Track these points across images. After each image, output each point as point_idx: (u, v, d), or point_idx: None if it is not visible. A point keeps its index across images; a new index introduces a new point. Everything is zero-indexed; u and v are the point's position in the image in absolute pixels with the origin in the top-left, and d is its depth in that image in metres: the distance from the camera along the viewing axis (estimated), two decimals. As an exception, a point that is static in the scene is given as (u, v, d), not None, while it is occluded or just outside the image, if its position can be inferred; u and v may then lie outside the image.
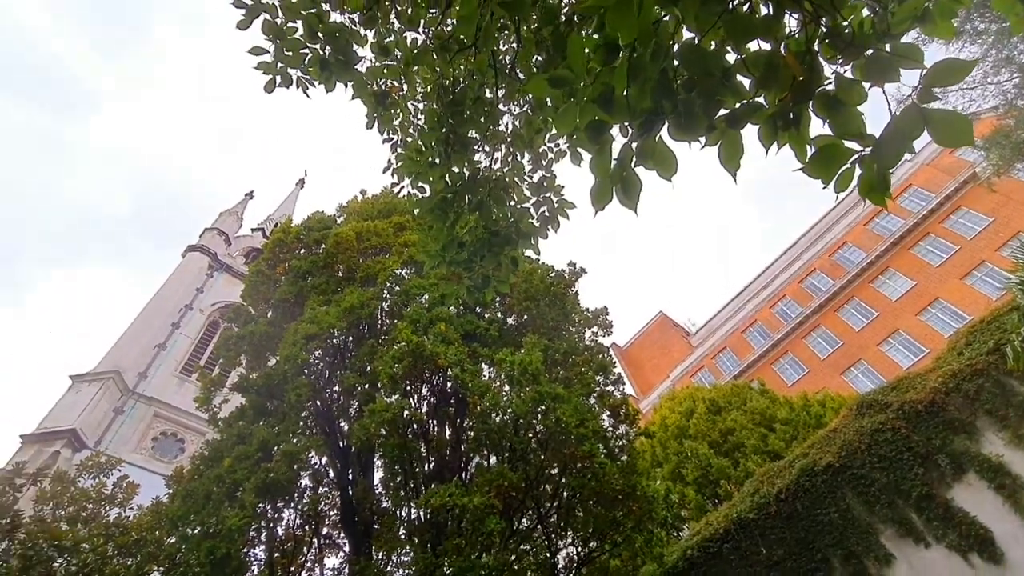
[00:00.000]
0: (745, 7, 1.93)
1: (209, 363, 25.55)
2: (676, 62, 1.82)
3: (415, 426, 7.99)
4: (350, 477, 9.02)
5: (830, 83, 1.76)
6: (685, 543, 12.36)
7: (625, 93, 1.79)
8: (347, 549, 9.22)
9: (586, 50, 1.86)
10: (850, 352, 29.59)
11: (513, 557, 7.32)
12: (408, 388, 8.70)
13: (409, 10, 3.38)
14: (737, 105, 1.87)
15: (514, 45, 3.34)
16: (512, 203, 3.61)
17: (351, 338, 10.28)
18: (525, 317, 10.40)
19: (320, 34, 3.04)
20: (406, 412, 7.51)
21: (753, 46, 1.79)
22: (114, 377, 22.16)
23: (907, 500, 9.77)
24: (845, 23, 1.79)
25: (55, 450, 17.78)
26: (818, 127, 1.82)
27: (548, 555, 7.68)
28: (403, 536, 8.29)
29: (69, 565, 9.56)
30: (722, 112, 1.86)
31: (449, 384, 9.27)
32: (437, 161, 3.52)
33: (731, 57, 1.85)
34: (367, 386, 8.43)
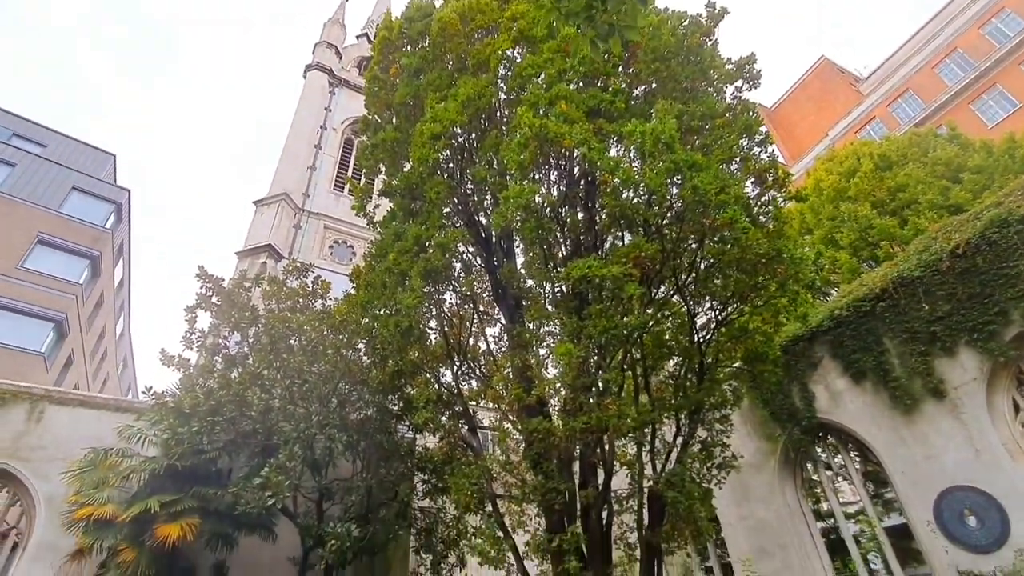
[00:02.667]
0: None
1: (354, 175, 28.03)
2: None
3: (548, 211, 8.20)
4: (495, 262, 9.90)
5: None
6: (833, 303, 12.15)
7: None
8: (502, 321, 10.63)
9: None
10: (1093, 72, 22.64)
11: (652, 322, 7.81)
12: (537, 176, 8.73)
13: None
14: None
15: None
16: (635, -85, 2.87)
17: (473, 135, 10.25)
18: (654, 84, 9.30)
19: None
20: (538, 197, 7.66)
21: None
22: (285, 199, 25.55)
23: None
24: None
25: (262, 261, 21.99)
26: None
27: (687, 318, 8.10)
28: (549, 309, 9.21)
29: (300, 340, 12.50)
30: None
31: (576, 168, 9.10)
32: None
33: None
34: (497, 177, 8.62)
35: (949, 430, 9.62)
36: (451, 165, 10.07)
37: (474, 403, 10.04)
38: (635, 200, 7.86)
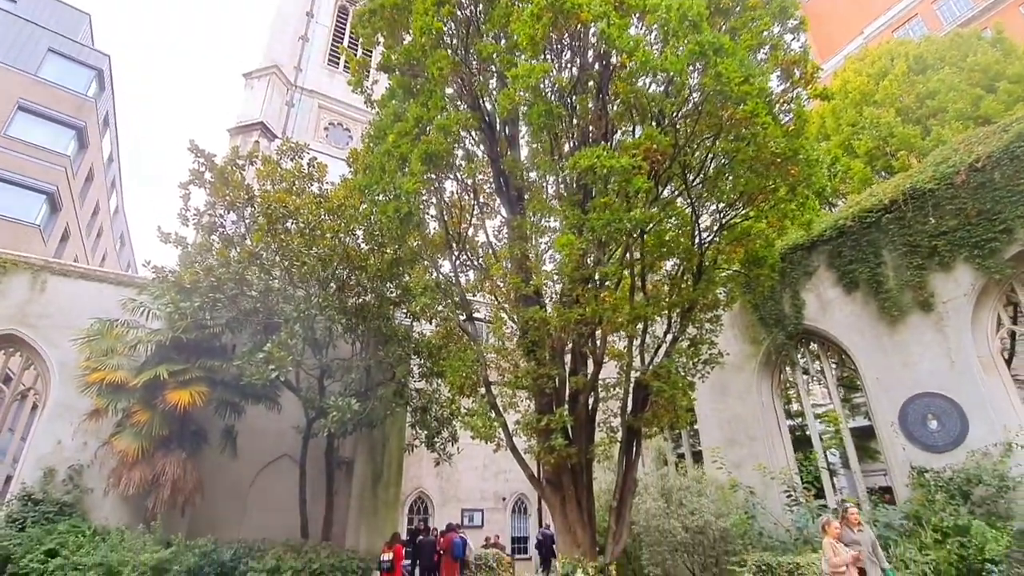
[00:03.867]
0: None
1: (350, 46, 26.07)
2: None
3: (557, 96, 7.72)
4: (498, 151, 9.51)
5: None
6: (839, 213, 11.99)
7: None
8: (503, 213, 10.46)
9: None
10: None
11: (655, 221, 7.64)
12: (549, 57, 8.11)
13: None
14: None
15: None
16: None
17: (480, 5, 9.37)
18: (684, -46, 8.33)
19: None
20: (548, 81, 7.16)
21: None
22: (275, 72, 23.96)
23: None
24: None
25: (255, 140, 21.12)
26: None
27: (691, 218, 7.96)
28: (552, 204, 9.02)
29: (297, 223, 12.36)
30: None
31: (591, 50, 8.44)
32: None
33: None
34: (505, 55, 7.97)
35: (929, 341, 9.95)
36: (455, 40, 9.31)
37: (471, 295, 10.19)
38: (651, 88, 7.37)
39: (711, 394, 12.73)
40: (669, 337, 8.50)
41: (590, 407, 8.45)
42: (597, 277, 7.33)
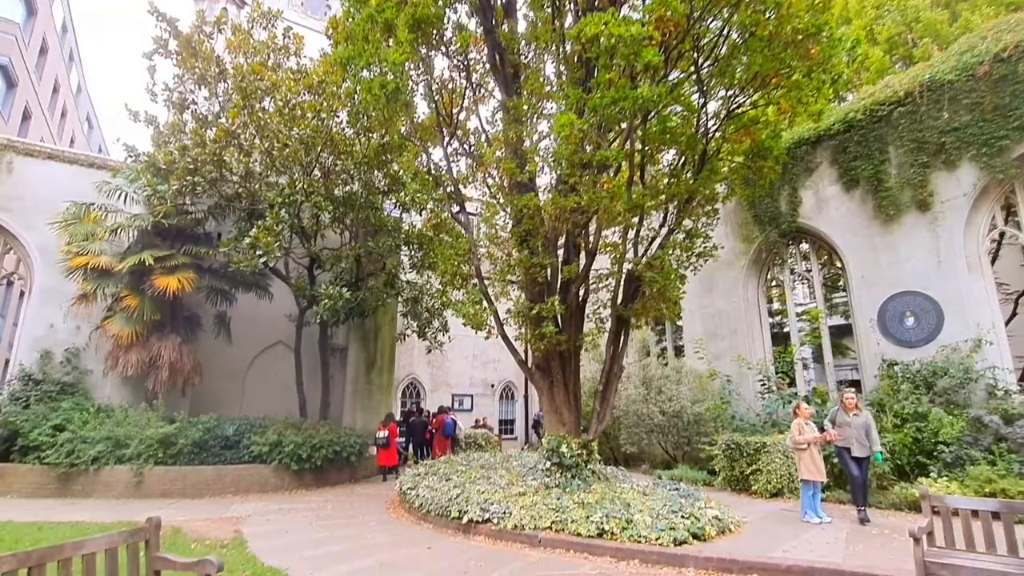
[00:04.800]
0: None
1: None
2: None
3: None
4: (493, 22, 8.64)
5: None
6: (849, 106, 11.43)
7: None
8: (497, 96, 9.77)
9: None
10: None
11: (663, 103, 7.12)
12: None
13: None
14: None
15: None
16: None
17: None
18: None
19: None
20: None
21: None
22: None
23: None
24: None
25: (222, 6, 19.08)
26: None
27: (700, 98, 7.48)
28: (550, 87, 8.38)
29: (275, 102, 11.50)
30: None
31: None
32: None
33: None
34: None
35: (920, 241, 9.98)
36: None
37: (463, 187, 9.80)
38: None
39: (698, 290, 12.94)
40: (664, 229, 8.37)
41: (581, 297, 8.53)
42: (595, 163, 7.00)
